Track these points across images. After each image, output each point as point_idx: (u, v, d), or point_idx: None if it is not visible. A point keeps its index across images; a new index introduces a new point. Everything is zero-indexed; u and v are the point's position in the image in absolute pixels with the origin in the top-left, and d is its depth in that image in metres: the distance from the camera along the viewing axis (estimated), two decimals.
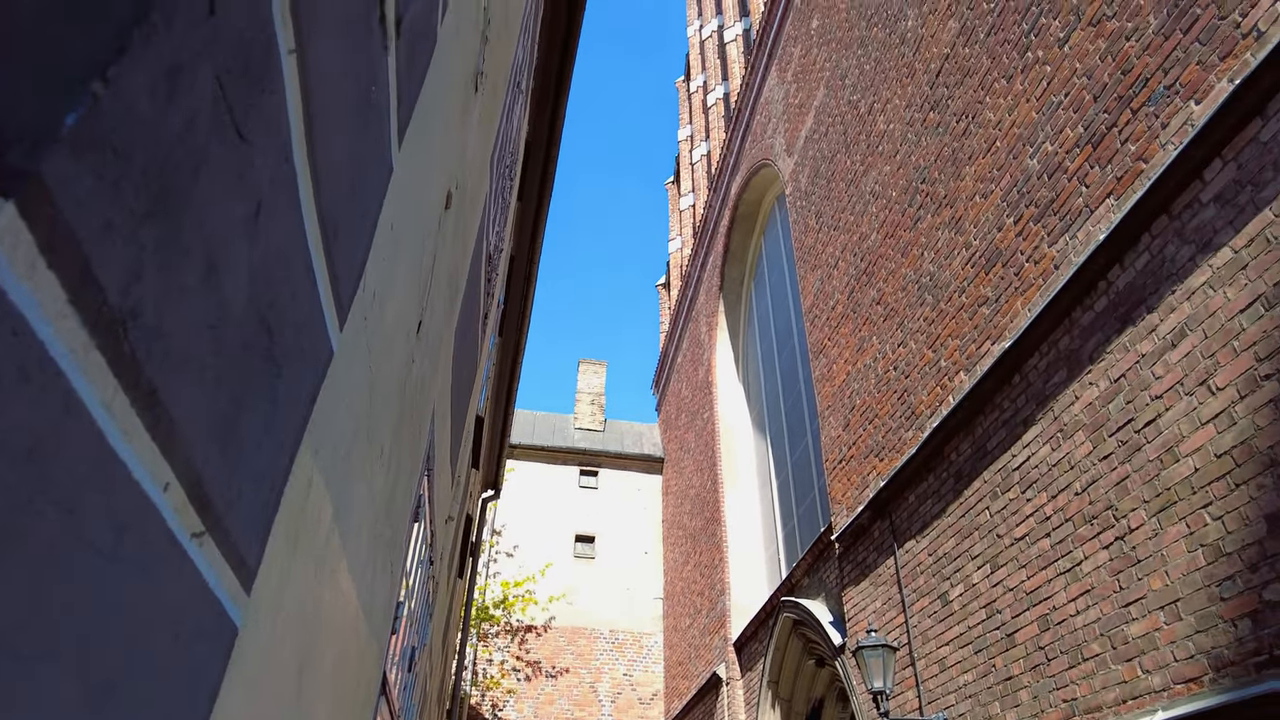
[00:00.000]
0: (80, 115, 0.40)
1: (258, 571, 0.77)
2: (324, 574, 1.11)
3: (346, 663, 1.38)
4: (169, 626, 0.60)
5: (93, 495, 0.47)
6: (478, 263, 2.93)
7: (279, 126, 0.67)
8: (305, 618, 1.00)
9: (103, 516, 0.48)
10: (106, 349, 0.45)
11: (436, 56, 1.47)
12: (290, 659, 0.95)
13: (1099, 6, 5.13)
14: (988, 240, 6.03)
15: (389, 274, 1.25)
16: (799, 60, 11.54)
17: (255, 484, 0.74)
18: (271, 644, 0.86)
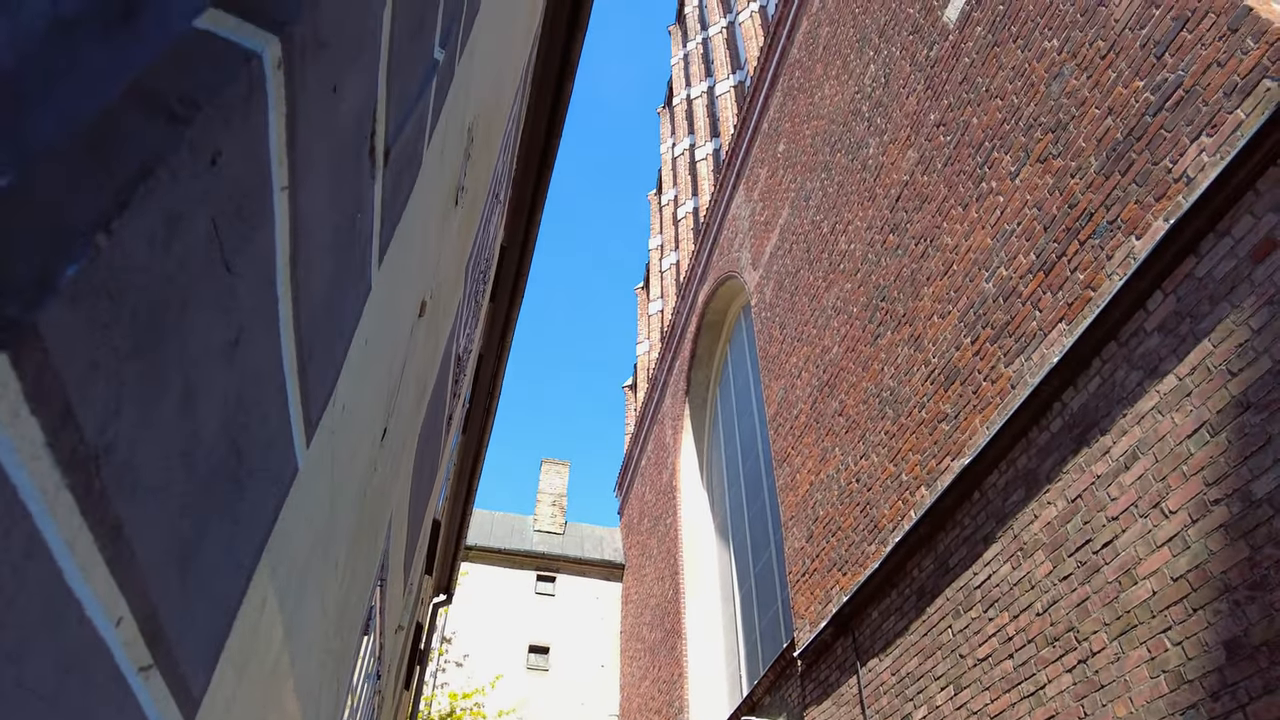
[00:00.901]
0: (81, 267, 0.42)
1: (201, 701, 0.74)
2: (271, 697, 1.06)
3: None
4: None
5: (42, 638, 0.46)
6: (446, 365, 2.94)
7: (266, 259, 0.69)
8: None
9: (48, 658, 0.47)
10: (77, 487, 0.46)
11: (421, 179, 1.53)
12: None
13: (1045, 145, 5.50)
14: (946, 358, 6.21)
15: (359, 387, 1.25)
16: (766, 180, 12.09)
17: (209, 610, 0.72)
18: None
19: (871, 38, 8.89)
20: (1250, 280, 3.75)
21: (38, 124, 0.32)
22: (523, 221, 6.67)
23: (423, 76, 1.32)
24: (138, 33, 0.37)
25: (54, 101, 0.33)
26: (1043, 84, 5.67)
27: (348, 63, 0.85)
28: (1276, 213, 3.71)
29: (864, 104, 8.82)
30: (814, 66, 10.72)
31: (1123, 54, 4.93)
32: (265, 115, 0.63)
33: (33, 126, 0.32)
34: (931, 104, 7.27)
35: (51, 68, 0.32)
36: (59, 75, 0.33)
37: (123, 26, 0.36)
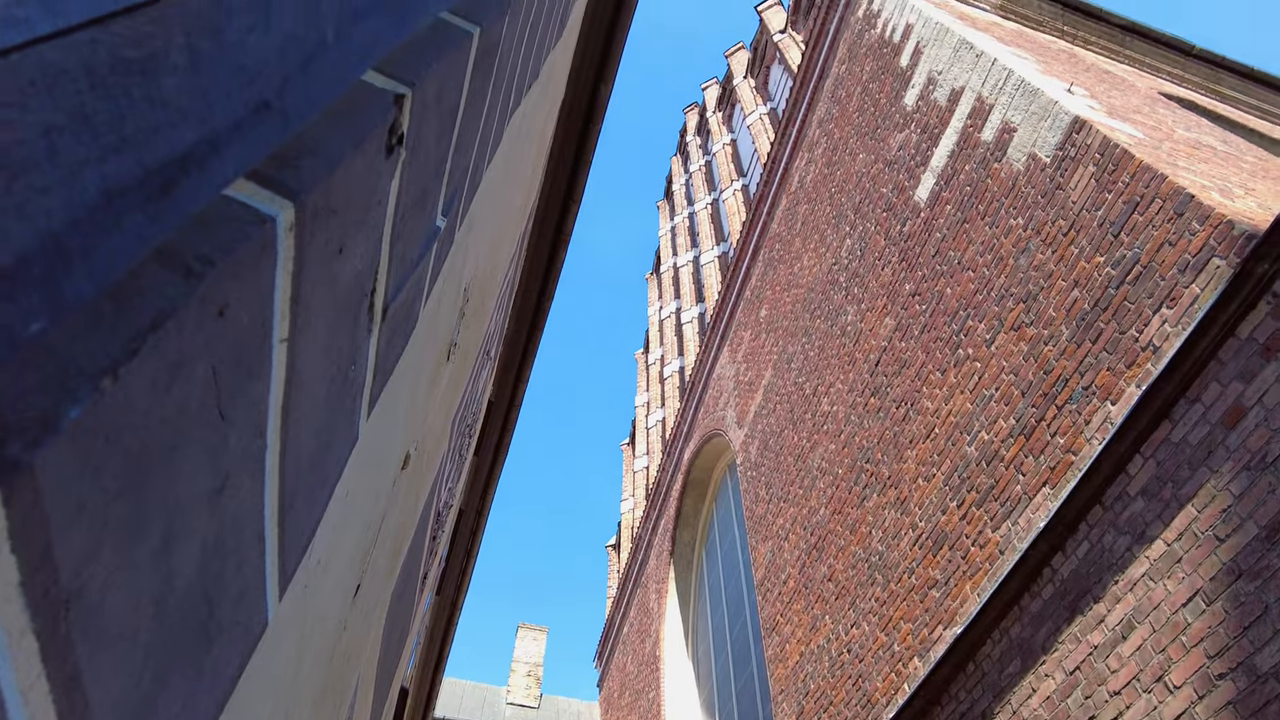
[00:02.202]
0: (84, 409, 0.43)
1: None
2: None
3: None
4: None
5: None
6: (425, 521, 2.89)
7: (259, 407, 0.71)
8: None
9: None
10: (43, 633, 0.45)
11: (416, 335, 1.58)
12: None
13: (1018, 314, 5.74)
14: (933, 523, 6.16)
15: (337, 541, 1.23)
16: (749, 343, 12.44)
17: None
18: None
19: (847, 214, 9.47)
20: (1225, 446, 3.82)
21: (77, 281, 0.35)
22: (511, 378, 6.77)
23: (424, 241, 1.40)
24: (175, 202, 0.41)
25: (94, 261, 0.36)
26: (1011, 258, 6.01)
27: (354, 228, 0.91)
28: (1242, 380, 3.83)
29: (841, 274, 9.25)
30: (793, 240, 11.33)
31: (1083, 232, 5.27)
32: (274, 273, 0.67)
33: (71, 283, 0.34)
34: (906, 275, 7.64)
35: (97, 231, 0.35)
36: (101, 237, 0.37)
37: (162, 196, 0.40)
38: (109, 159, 0.34)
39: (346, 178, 0.83)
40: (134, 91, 0.36)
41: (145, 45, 0.37)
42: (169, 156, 0.39)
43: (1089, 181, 5.32)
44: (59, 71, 0.31)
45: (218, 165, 0.45)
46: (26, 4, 0.30)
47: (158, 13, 0.38)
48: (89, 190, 0.33)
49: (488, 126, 1.96)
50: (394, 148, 1.00)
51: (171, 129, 0.38)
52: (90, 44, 0.33)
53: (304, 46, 0.54)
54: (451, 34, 1.21)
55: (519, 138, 3.21)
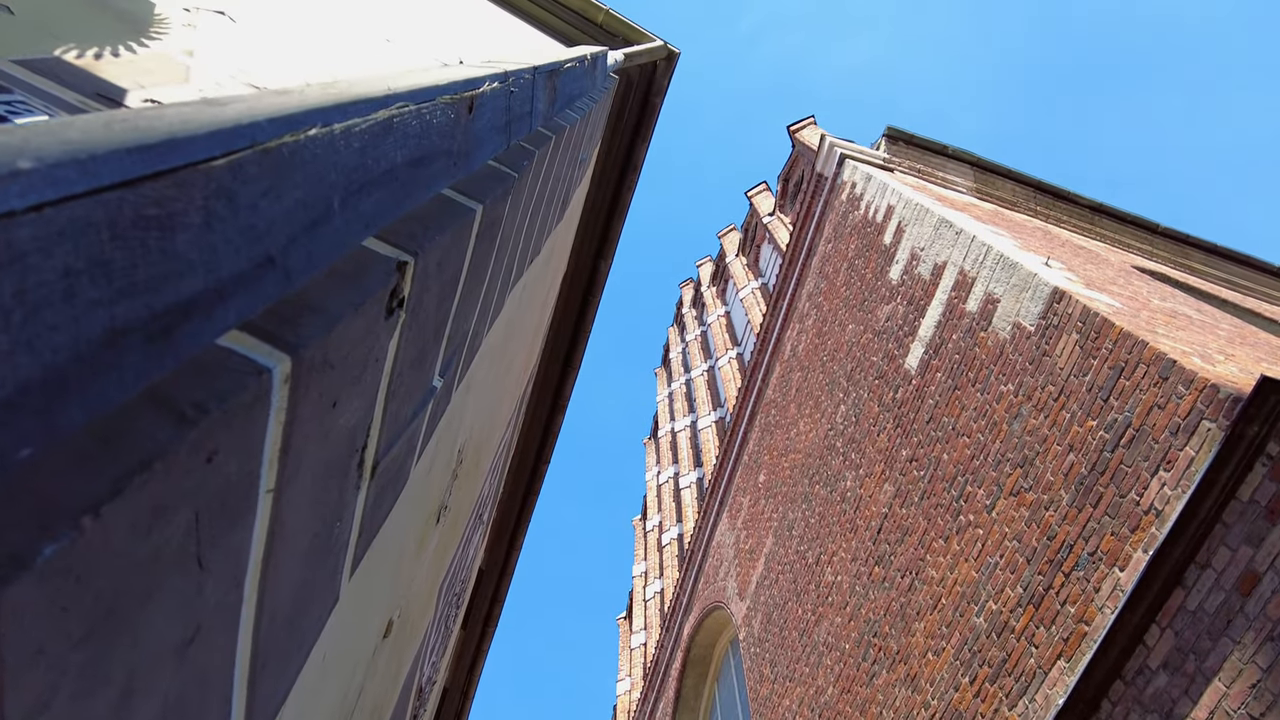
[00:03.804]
0: (60, 548, 0.43)
1: None
2: None
3: None
4: None
5: None
6: (405, 697, 2.73)
7: (239, 557, 0.70)
8: None
9: None
10: None
11: (405, 494, 1.58)
12: None
13: (1016, 479, 5.71)
14: (946, 701, 5.80)
15: (309, 709, 1.17)
16: (748, 509, 12.25)
17: None
18: None
19: (840, 381, 9.65)
20: (1244, 614, 3.68)
21: (70, 412, 0.37)
22: (504, 545, 6.61)
23: (419, 401, 1.43)
24: (174, 345, 0.44)
25: (89, 395, 0.38)
26: (1004, 423, 6.06)
27: (350, 384, 0.94)
28: (1250, 545, 3.75)
29: (838, 440, 9.28)
30: (788, 406, 11.46)
31: (1073, 396, 5.35)
32: (266, 424, 0.69)
33: (65, 414, 0.36)
34: (902, 440, 7.67)
35: (97, 368, 0.38)
36: (100, 374, 0.39)
37: (163, 339, 0.42)
38: (119, 302, 0.37)
39: (345, 336, 0.86)
40: (150, 244, 0.39)
41: (166, 205, 0.41)
42: (174, 302, 0.42)
43: (1074, 348, 5.47)
44: (86, 224, 0.35)
45: (220, 313, 0.48)
46: (67, 168, 0.34)
47: (182, 178, 0.42)
48: (95, 329, 0.36)
49: (489, 295, 2.06)
50: (394, 310, 1.05)
51: (180, 278, 0.42)
52: (117, 202, 0.37)
53: (310, 212, 0.58)
54: (455, 209, 1.30)
55: (521, 307, 3.34)
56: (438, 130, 0.87)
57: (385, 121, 0.70)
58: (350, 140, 0.64)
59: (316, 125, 0.58)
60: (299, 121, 0.56)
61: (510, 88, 1.23)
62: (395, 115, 0.73)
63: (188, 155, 0.42)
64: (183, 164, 0.42)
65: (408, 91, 0.79)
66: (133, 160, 0.38)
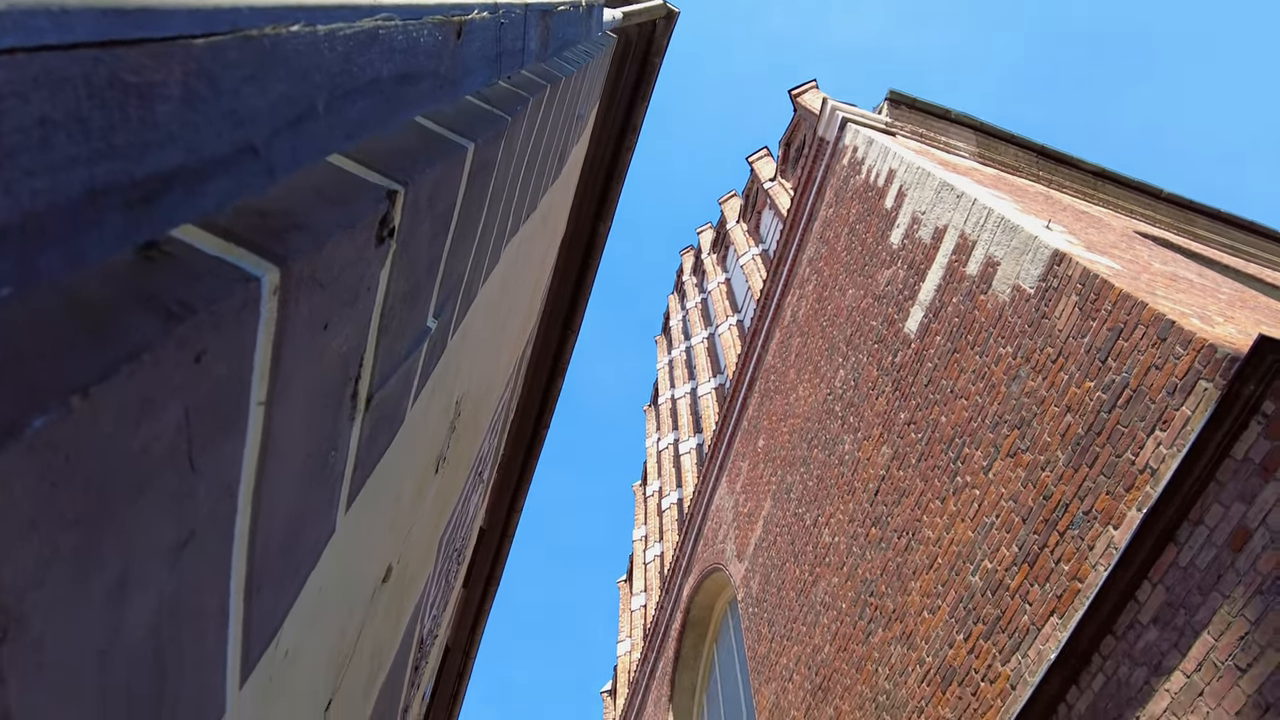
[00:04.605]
0: (49, 421, 0.44)
1: None
2: None
3: None
4: None
5: None
6: (407, 647, 2.77)
7: (232, 466, 0.71)
8: None
9: None
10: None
11: (401, 435, 1.59)
12: None
13: (1013, 440, 5.74)
14: (940, 657, 5.89)
15: (307, 637, 1.19)
16: (747, 473, 12.34)
17: None
18: None
19: (840, 346, 9.65)
20: (1235, 569, 3.72)
21: (51, 260, 0.37)
22: (505, 505, 6.67)
23: (414, 339, 1.44)
24: (152, 215, 0.44)
25: (70, 247, 0.38)
26: (1002, 385, 6.08)
27: (341, 307, 0.94)
28: (1243, 502, 3.79)
29: (836, 404, 9.31)
30: (788, 371, 11.48)
31: (1071, 358, 5.36)
32: (255, 331, 0.69)
33: (46, 260, 0.36)
34: (901, 404, 7.69)
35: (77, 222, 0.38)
36: (81, 229, 0.39)
37: (144, 205, 0.42)
38: (98, 162, 0.37)
39: (335, 257, 0.86)
40: (128, 110, 0.39)
41: (143, 74, 0.41)
42: (153, 173, 0.42)
43: (1073, 310, 5.46)
44: (61, 77, 0.35)
45: (201, 193, 0.48)
46: (39, 16, 0.34)
47: (159, 50, 0.42)
48: (74, 184, 0.36)
49: (484, 243, 2.05)
50: (385, 239, 1.05)
51: (160, 149, 0.42)
52: (93, 61, 0.37)
53: (294, 108, 0.58)
54: (446, 145, 1.29)
55: (517, 263, 3.34)
56: (424, 50, 0.87)
57: (371, 30, 0.69)
58: (335, 44, 0.63)
59: (300, 22, 0.58)
60: (282, 16, 0.55)
61: (501, 19, 1.22)
62: (381, 26, 0.72)
63: (165, 29, 0.42)
64: (160, 36, 0.42)
65: (394, 6, 0.78)
66: (108, 22, 0.38)
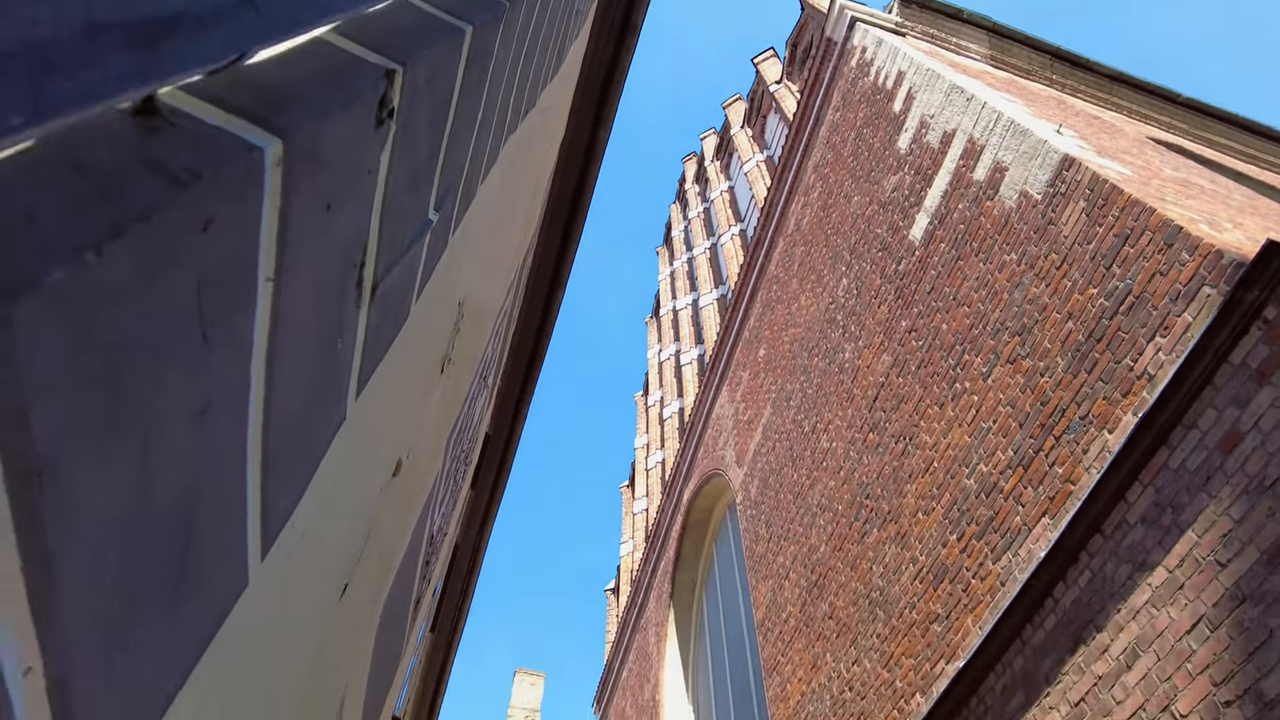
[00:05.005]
0: (65, 274, 0.45)
1: None
2: None
3: None
4: None
5: None
6: (418, 541, 2.87)
7: (243, 342, 0.72)
8: None
9: None
10: (17, 497, 0.45)
11: (406, 329, 1.60)
12: None
13: (1014, 347, 5.77)
14: (933, 556, 6.09)
15: (321, 520, 1.23)
16: (748, 383, 12.45)
17: (128, 706, 0.67)
18: None
19: (843, 254, 9.57)
20: (1223, 471, 3.81)
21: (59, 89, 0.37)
22: (509, 413, 6.77)
23: (416, 230, 1.43)
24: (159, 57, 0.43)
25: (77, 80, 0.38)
26: (1005, 292, 6.06)
27: (343, 187, 0.93)
28: (1237, 406, 3.84)
29: (838, 313, 9.31)
30: (790, 281, 11.43)
31: (1075, 265, 5.32)
32: (260, 202, 0.69)
33: (53, 89, 0.36)
34: (903, 311, 7.69)
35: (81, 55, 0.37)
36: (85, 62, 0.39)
37: (147, 47, 0.42)
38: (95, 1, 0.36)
39: (335, 135, 0.85)
40: None
41: None
42: (153, 15, 0.41)
43: (1080, 216, 5.39)
44: None
45: (203, 40, 0.48)
46: None
47: None
48: (74, 18, 0.36)
49: (483, 137, 2.01)
50: (384, 120, 1.03)
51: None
52: None
53: None
54: (443, 26, 1.25)
55: (517, 163, 3.28)
56: None
57: None
58: None
59: None
60: None
61: None
62: None
63: None
64: None
65: None
66: None
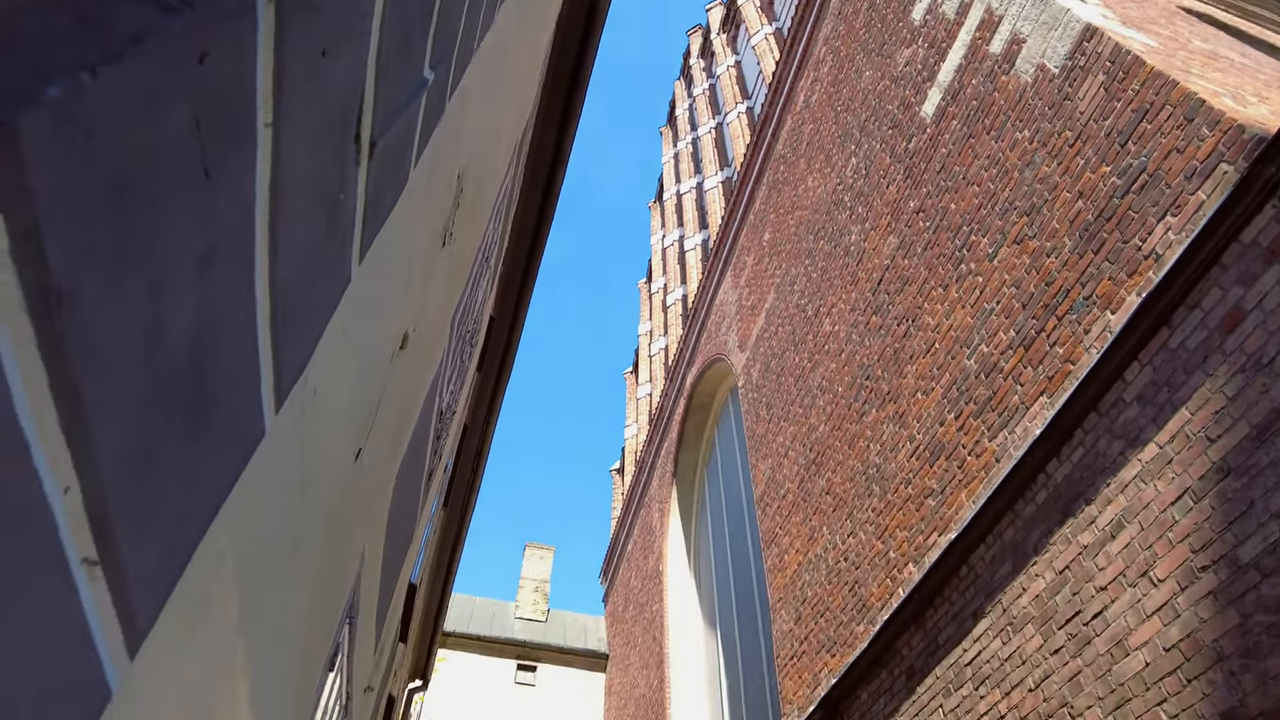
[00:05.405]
0: (63, 90, 0.44)
1: (147, 635, 0.72)
2: (221, 683, 1.03)
3: None
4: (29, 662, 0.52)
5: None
6: (428, 414, 2.94)
7: (246, 185, 0.72)
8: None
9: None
10: (38, 317, 0.47)
11: (406, 195, 1.58)
12: None
13: (1021, 227, 5.69)
14: (930, 434, 6.23)
15: (334, 380, 1.26)
16: (752, 267, 12.38)
17: (160, 537, 0.71)
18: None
19: (853, 133, 9.30)
20: (1222, 350, 3.84)
21: None
22: (513, 297, 6.77)
23: (411, 90, 1.39)
24: None
25: None
26: (1016, 171, 5.92)
27: (337, 36, 0.90)
28: (1242, 285, 3.82)
29: (846, 194, 9.14)
30: (798, 161, 11.15)
31: (1089, 142, 5.18)
32: (254, 38, 0.67)
33: None
34: (911, 192, 7.54)
35: None
36: None
37: None
38: None
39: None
40: None
41: None
42: None
43: (1098, 91, 5.20)
44: None
45: None
46: None
47: None
48: None
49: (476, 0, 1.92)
50: None
51: None
52: None
53: None
54: None
55: (513, 30, 3.14)
56: None
57: None
58: None
59: None
60: None
61: None
62: None
63: None
64: None
65: None
66: None
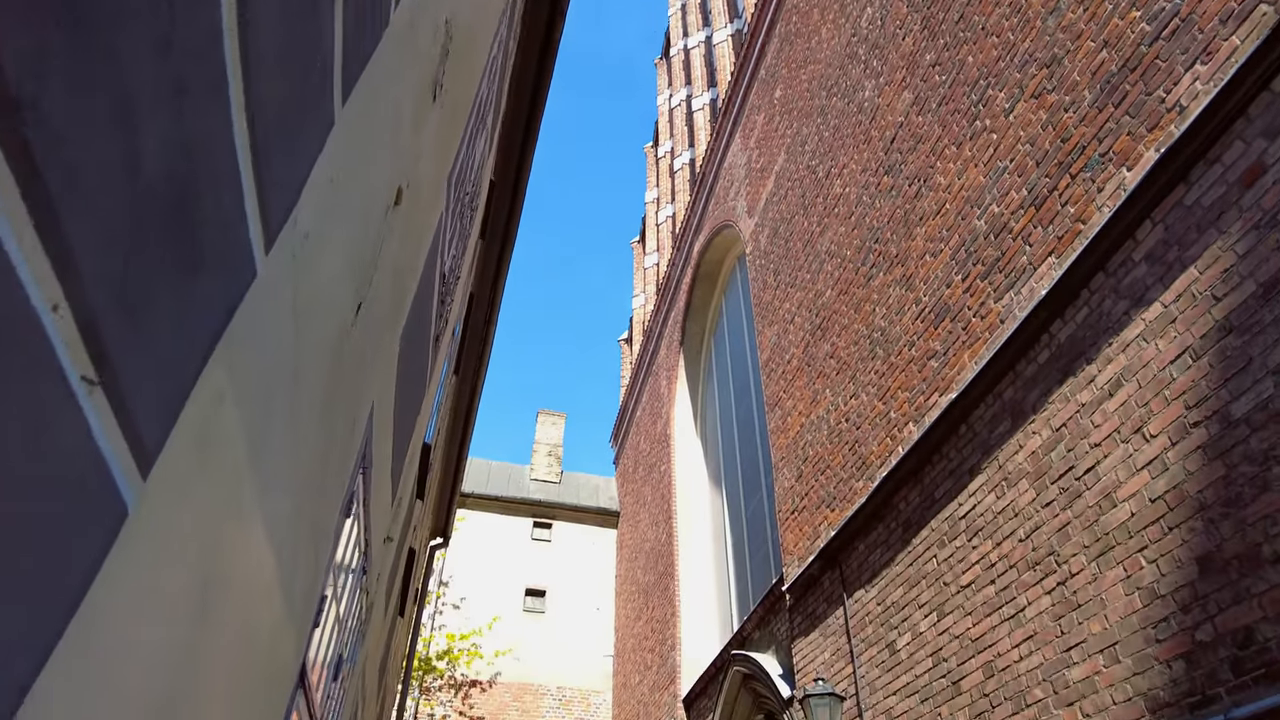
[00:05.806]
0: None
1: (156, 460, 0.76)
2: (235, 514, 1.09)
3: (258, 631, 1.33)
4: (41, 474, 0.55)
5: None
6: (430, 275, 2.94)
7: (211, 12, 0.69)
8: (208, 547, 0.98)
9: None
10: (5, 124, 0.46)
11: (388, 39, 1.52)
12: (187, 582, 0.92)
13: (1040, 80, 5.44)
14: (937, 297, 6.23)
15: (326, 227, 1.26)
16: (762, 127, 11.96)
17: (157, 365, 0.73)
18: (166, 550, 0.83)
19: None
20: (1239, 206, 3.75)
21: None
22: (514, 161, 6.61)
23: None
24: None
25: None
26: (1039, 19, 5.59)
27: None
28: (1267, 137, 3.69)
29: (860, 47, 8.69)
30: (811, 11, 10.54)
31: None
32: None
33: None
34: (928, 44, 7.17)
35: None
36: None
37: None
38: None
39: None
40: None
41: None
42: None
43: None
44: None
45: None
46: None
47: None
48: None
49: None
50: None
51: None
52: None
53: None
54: None
55: None
56: None
57: None
58: None
59: None
60: None
61: None
62: None
63: None
64: None
65: None
66: None
